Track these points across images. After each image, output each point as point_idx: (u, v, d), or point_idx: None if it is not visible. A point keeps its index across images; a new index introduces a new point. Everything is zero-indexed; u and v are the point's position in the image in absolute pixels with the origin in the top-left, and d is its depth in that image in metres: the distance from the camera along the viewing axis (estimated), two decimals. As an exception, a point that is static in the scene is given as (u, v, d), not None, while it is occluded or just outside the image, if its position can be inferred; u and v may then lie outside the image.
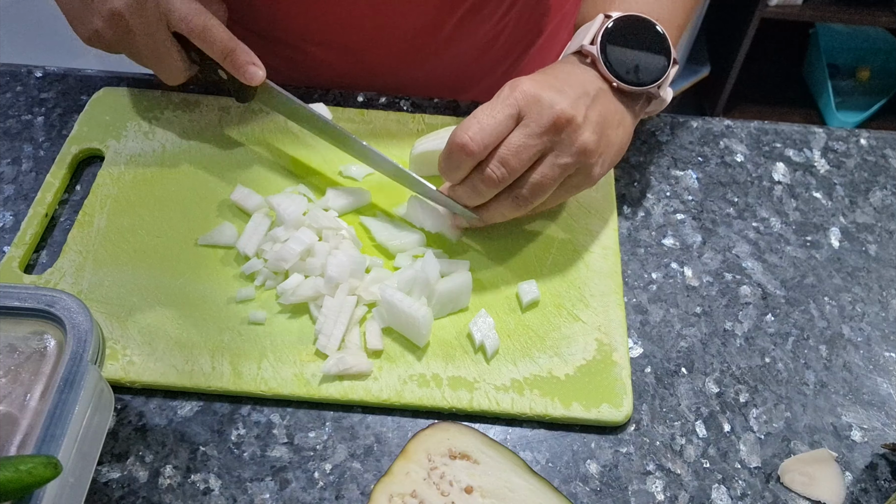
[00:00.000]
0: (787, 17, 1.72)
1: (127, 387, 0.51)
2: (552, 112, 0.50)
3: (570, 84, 0.52)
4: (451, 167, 0.52)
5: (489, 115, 0.50)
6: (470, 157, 0.50)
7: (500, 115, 0.50)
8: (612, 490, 0.49)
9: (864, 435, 0.52)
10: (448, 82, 0.76)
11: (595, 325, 0.54)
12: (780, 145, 0.68)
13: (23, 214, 0.59)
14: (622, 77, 0.53)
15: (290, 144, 0.64)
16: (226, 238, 0.57)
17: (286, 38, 0.70)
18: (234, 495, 0.47)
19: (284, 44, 0.71)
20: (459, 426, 0.48)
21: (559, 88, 0.51)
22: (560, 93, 0.51)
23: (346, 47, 0.71)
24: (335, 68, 0.72)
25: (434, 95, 0.72)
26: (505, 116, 0.50)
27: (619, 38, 0.54)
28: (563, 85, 0.51)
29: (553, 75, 0.53)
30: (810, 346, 0.56)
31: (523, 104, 0.50)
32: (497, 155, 0.50)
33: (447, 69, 0.75)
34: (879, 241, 0.62)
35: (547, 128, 0.50)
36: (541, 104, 0.50)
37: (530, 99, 0.50)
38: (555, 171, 0.51)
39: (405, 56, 0.72)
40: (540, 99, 0.50)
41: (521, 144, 0.50)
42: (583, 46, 0.54)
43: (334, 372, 0.51)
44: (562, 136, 0.50)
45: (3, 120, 0.65)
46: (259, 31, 0.70)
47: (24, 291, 0.43)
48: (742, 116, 1.80)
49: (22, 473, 0.34)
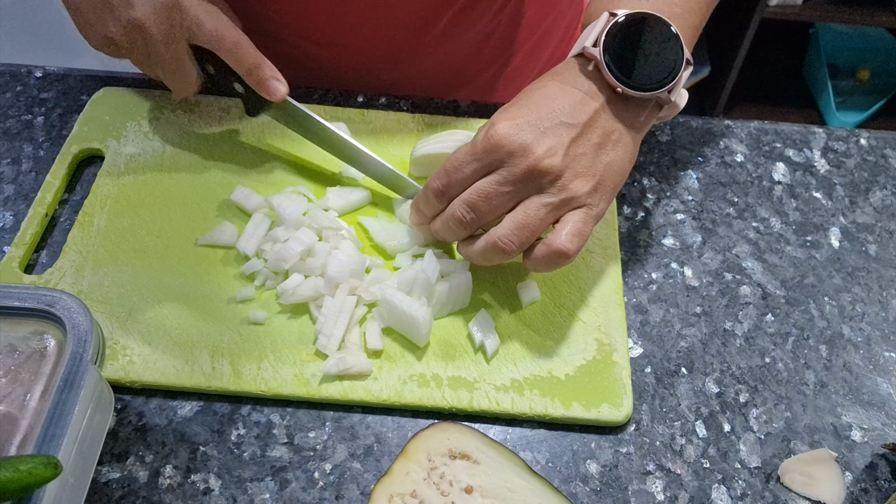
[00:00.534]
0: (787, 17, 1.72)
1: (127, 387, 0.51)
2: (525, 162, 0.47)
3: (553, 111, 0.49)
4: (423, 205, 0.53)
5: (456, 163, 0.50)
6: (437, 199, 0.51)
7: (466, 167, 0.49)
8: (612, 490, 0.49)
9: (864, 435, 0.52)
10: (443, 80, 0.76)
11: (595, 325, 0.54)
12: (780, 145, 0.68)
13: (23, 214, 0.59)
14: (627, 82, 0.49)
15: (290, 144, 0.64)
16: (226, 238, 0.57)
17: (279, 34, 0.70)
18: (234, 495, 0.47)
19: (277, 40, 0.70)
20: (459, 426, 0.48)
21: (537, 125, 0.48)
22: (537, 133, 0.48)
23: (340, 44, 0.70)
24: (328, 65, 0.72)
25: (429, 93, 0.72)
26: (473, 168, 0.49)
27: (625, 39, 0.50)
28: (545, 115, 0.49)
29: (537, 103, 0.50)
30: (810, 346, 0.56)
31: (496, 158, 0.48)
32: (464, 198, 0.50)
33: (442, 66, 0.75)
34: (879, 241, 0.62)
35: (520, 177, 0.48)
36: (513, 153, 0.48)
37: (503, 146, 0.48)
38: (540, 211, 0.48)
39: (399, 53, 0.71)
40: (512, 148, 0.48)
41: (490, 191, 0.49)
42: (585, 49, 0.50)
43: (334, 372, 0.51)
44: (542, 183, 0.48)
45: (3, 120, 0.65)
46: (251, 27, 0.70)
47: (24, 291, 0.43)
48: (742, 116, 1.80)
49: (22, 473, 0.34)
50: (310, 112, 0.58)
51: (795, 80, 2.06)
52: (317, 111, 0.65)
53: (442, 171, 0.50)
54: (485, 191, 0.49)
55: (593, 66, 0.50)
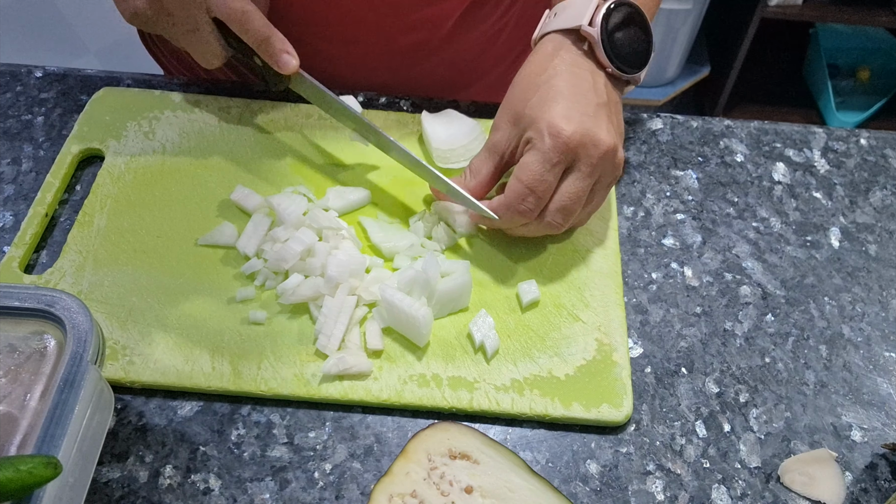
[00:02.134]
0: (787, 17, 1.72)
1: (127, 387, 0.51)
2: (598, 151, 0.51)
3: (590, 100, 0.52)
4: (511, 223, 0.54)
5: (538, 177, 0.51)
6: (528, 219, 0.53)
7: (549, 177, 0.51)
8: (612, 490, 0.49)
9: (864, 435, 0.52)
10: (449, 79, 0.76)
11: (595, 325, 0.54)
12: (780, 145, 0.68)
13: (23, 214, 0.59)
14: (616, 63, 0.54)
15: (291, 144, 0.64)
16: (226, 238, 0.57)
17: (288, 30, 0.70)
18: (234, 495, 0.47)
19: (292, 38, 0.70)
20: (459, 426, 0.48)
21: (591, 114, 0.51)
22: (594, 120, 0.51)
23: (349, 41, 0.70)
24: (338, 62, 0.72)
25: (436, 92, 0.72)
26: (555, 175, 0.51)
27: (618, 23, 0.54)
28: (588, 105, 0.52)
29: (572, 93, 0.52)
30: (810, 346, 0.56)
31: (572, 155, 0.51)
32: (558, 205, 0.52)
33: (449, 65, 0.75)
34: (879, 241, 0.62)
35: (596, 165, 0.51)
36: (586, 147, 0.51)
37: (577, 147, 0.51)
38: (603, 193, 0.54)
39: (407, 51, 0.72)
40: (584, 143, 0.51)
41: (580, 193, 0.52)
42: (582, 28, 0.53)
43: (334, 372, 0.51)
44: (608, 164, 0.52)
45: (3, 120, 0.65)
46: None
47: (24, 291, 0.43)
48: (742, 116, 1.80)
49: (22, 473, 0.34)
50: (321, 86, 0.59)
51: (795, 80, 2.06)
52: (317, 111, 0.66)
53: (524, 191, 0.51)
54: (575, 194, 0.52)
55: (588, 45, 0.54)
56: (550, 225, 0.53)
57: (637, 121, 0.69)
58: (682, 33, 1.84)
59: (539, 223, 0.53)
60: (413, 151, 0.60)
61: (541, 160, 0.51)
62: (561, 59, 0.54)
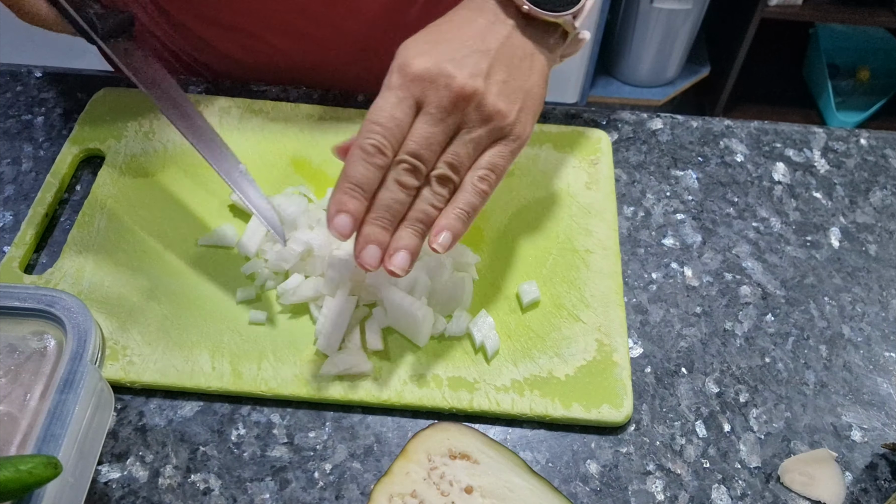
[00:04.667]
0: (787, 17, 1.72)
1: (127, 387, 0.51)
2: (450, 91, 0.45)
3: (464, 41, 0.47)
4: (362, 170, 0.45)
5: (388, 114, 0.46)
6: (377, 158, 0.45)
7: (398, 112, 0.46)
8: (612, 490, 0.49)
9: (864, 435, 0.52)
10: None
11: (595, 325, 0.54)
12: (780, 145, 0.68)
13: (23, 214, 0.59)
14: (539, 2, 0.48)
15: (291, 144, 0.64)
16: (226, 239, 0.57)
17: (244, 25, 0.69)
18: (234, 495, 0.47)
19: (243, 32, 0.69)
20: (459, 426, 0.48)
21: (452, 55, 0.46)
22: (454, 62, 0.46)
23: (306, 35, 0.69)
24: (296, 57, 0.71)
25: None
26: (403, 111, 0.46)
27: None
28: (457, 46, 0.47)
29: (444, 34, 0.48)
30: (810, 346, 0.56)
31: (418, 90, 0.46)
32: (406, 149, 0.46)
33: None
34: (879, 241, 0.62)
35: (449, 109, 0.46)
36: (436, 84, 0.46)
37: (424, 81, 0.46)
38: (468, 147, 0.47)
39: (367, 44, 0.70)
40: (434, 79, 0.46)
41: (428, 135, 0.46)
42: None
43: (334, 372, 0.51)
44: (467, 111, 0.46)
45: (3, 120, 0.65)
46: (218, 19, 0.69)
47: (24, 291, 0.43)
48: (742, 116, 1.80)
49: (22, 473, 0.34)
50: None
51: (795, 80, 2.06)
52: (317, 111, 0.66)
53: (367, 125, 0.45)
54: (424, 137, 0.46)
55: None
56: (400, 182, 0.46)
57: (637, 121, 0.69)
58: (682, 33, 1.84)
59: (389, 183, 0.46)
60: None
61: (385, 95, 0.46)
62: (464, 5, 0.50)
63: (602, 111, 0.69)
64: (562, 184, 0.62)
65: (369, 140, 0.45)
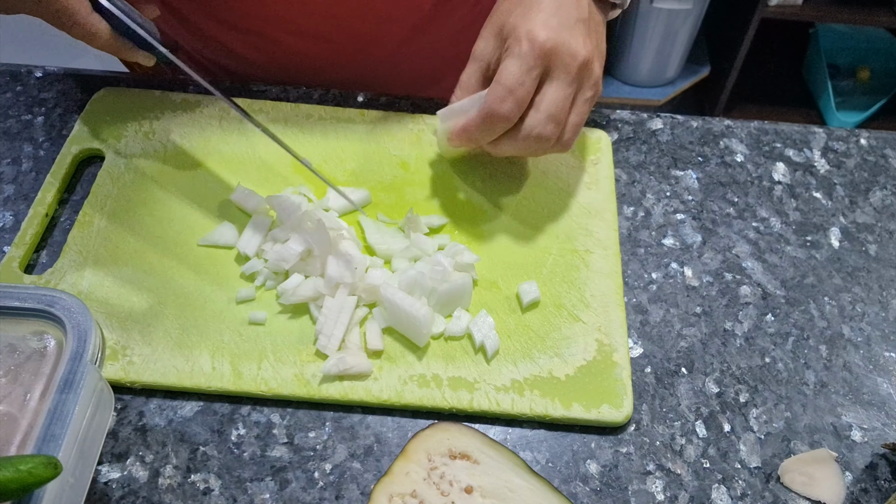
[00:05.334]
0: (787, 17, 1.72)
1: (127, 387, 0.51)
2: (576, 61, 0.52)
3: (570, 13, 0.53)
4: (486, 134, 0.54)
5: (517, 80, 0.51)
6: (508, 124, 0.52)
7: (528, 80, 0.51)
8: (612, 490, 0.49)
9: (864, 435, 0.52)
10: (424, 70, 0.75)
11: (595, 325, 0.54)
12: (780, 145, 0.68)
13: (23, 214, 0.59)
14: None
15: (291, 144, 0.64)
16: (226, 238, 0.57)
17: (257, 26, 0.70)
18: (234, 495, 0.47)
19: (255, 33, 0.70)
20: (459, 426, 0.48)
21: (569, 26, 0.52)
22: (571, 32, 0.52)
23: (318, 35, 0.70)
24: (308, 57, 0.72)
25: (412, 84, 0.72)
26: (532, 79, 0.51)
27: None
28: (568, 17, 0.52)
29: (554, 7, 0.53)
30: (810, 346, 0.56)
31: (547, 60, 0.51)
32: (545, 112, 0.52)
33: (423, 56, 0.74)
34: (879, 241, 0.62)
35: (575, 76, 0.52)
36: (563, 56, 0.51)
37: (552, 53, 0.51)
38: (585, 107, 0.54)
39: (379, 44, 0.71)
40: (560, 51, 0.51)
41: (562, 98, 0.52)
42: None
43: (334, 372, 0.51)
44: (584, 76, 0.53)
45: (3, 120, 0.65)
46: (229, 20, 0.69)
47: (24, 291, 0.43)
48: (742, 116, 1.80)
49: (22, 473, 0.34)
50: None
51: (795, 80, 2.06)
52: (317, 111, 0.66)
53: (502, 92, 0.51)
54: (559, 100, 0.52)
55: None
56: (541, 137, 0.53)
57: (637, 121, 0.69)
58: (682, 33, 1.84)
59: (527, 136, 0.53)
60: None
61: (518, 63, 0.51)
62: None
63: (602, 111, 0.69)
64: (562, 184, 0.62)
65: (503, 108, 0.51)
